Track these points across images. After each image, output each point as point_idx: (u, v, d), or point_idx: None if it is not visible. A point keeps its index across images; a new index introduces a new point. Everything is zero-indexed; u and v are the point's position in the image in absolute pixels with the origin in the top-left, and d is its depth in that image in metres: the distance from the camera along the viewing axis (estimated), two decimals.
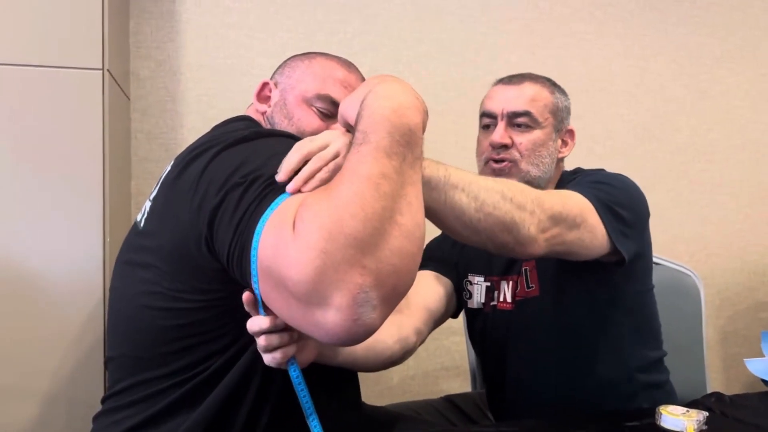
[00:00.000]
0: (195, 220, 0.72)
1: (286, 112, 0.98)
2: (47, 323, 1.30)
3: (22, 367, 1.29)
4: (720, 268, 2.24)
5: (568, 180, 1.22)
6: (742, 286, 2.26)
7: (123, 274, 0.88)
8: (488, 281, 1.27)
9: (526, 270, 1.20)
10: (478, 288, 1.28)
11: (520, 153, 1.17)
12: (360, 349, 0.96)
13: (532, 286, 1.19)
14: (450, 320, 1.97)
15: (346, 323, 0.55)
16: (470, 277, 1.29)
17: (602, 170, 1.23)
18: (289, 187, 0.66)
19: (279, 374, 0.82)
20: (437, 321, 1.24)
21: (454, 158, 1.94)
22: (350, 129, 0.72)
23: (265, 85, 1.04)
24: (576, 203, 1.00)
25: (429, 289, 1.24)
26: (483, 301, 1.27)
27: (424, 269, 1.27)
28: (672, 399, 1.22)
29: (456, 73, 1.98)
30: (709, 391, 1.45)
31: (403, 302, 1.18)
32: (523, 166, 1.17)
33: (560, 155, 1.23)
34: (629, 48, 2.13)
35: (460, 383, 1.99)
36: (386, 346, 1.04)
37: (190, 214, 0.73)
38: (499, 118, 1.19)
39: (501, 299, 1.24)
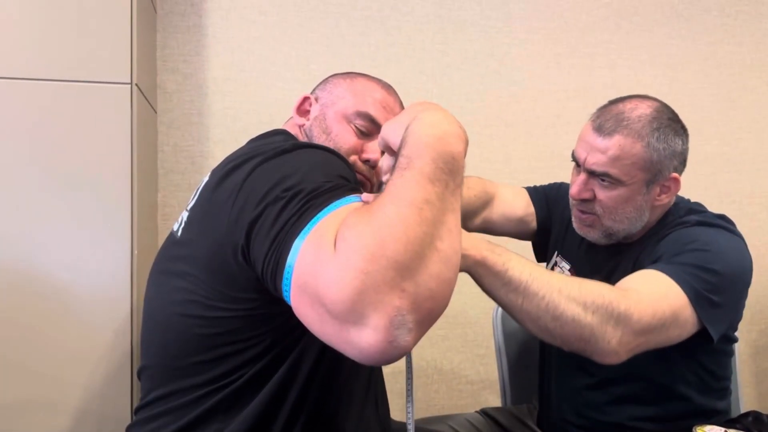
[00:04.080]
0: (233, 230, 0.73)
1: (325, 127, 1.00)
2: (76, 336, 1.31)
3: (50, 379, 1.30)
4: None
5: (674, 223, 1.12)
6: None
7: (158, 283, 0.89)
8: (572, 273, 1.23)
9: None
10: (560, 272, 1.25)
11: (601, 208, 1.10)
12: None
13: None
14: (474, 330, 1.97)
15: (380, 345, 0.56)
16: (558, 258, 1.28)
17: (720, 231, 1.12)
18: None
19: (315, 385, 0.83)
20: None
21: (477, 169, 1.94)
22: (391, 153, 0.75)
23: (305, 99, 1.05)
24: (669, 304, 0.95)
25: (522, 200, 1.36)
26: None
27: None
28: None
29: (480, 84, 1.97)
30: (742, 406, 1.41)
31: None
32: (605, 222, 1.11)
33: (657, 203, 1.11)
34: (656, 57, 2.11)
35: (486, 397, 1.97)
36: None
37: (228, 224, 0.74)
38: (581, 168, 1.11)
39: None
